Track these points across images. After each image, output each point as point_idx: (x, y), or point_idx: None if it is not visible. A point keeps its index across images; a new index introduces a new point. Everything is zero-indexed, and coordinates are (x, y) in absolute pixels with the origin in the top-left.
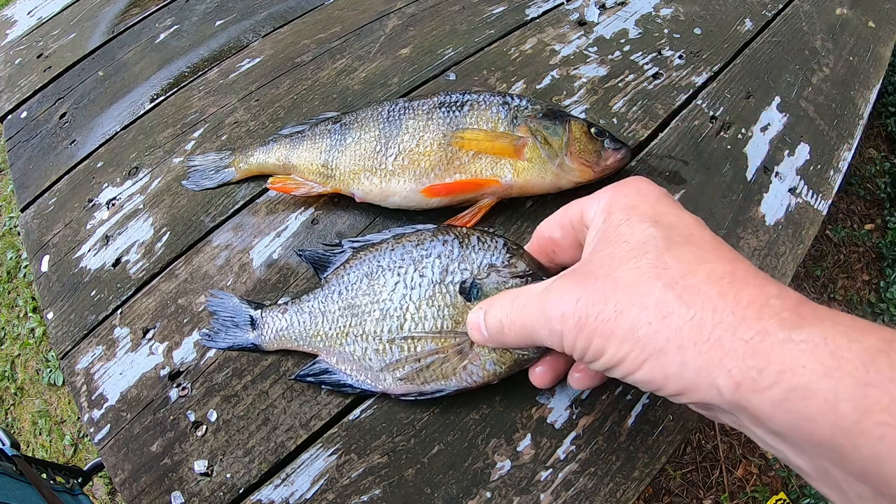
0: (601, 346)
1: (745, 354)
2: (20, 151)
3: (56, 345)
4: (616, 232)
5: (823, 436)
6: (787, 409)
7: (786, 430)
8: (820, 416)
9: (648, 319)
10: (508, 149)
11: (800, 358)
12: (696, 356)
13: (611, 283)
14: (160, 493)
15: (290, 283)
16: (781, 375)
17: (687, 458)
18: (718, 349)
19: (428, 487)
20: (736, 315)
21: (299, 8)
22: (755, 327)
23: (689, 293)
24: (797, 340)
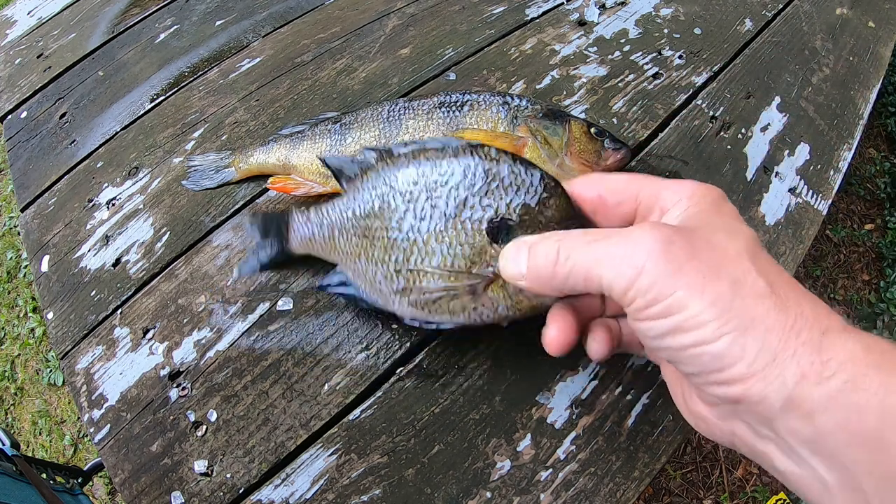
0: (683, 300)
1: (816, 347)
2: (20, 151)
3: (56, 345)
4: (707, 220)
5: (869, 429)
6: (840, 402)
7: (832, 428)
8: (869, 408)
9: (741, 293)
10: (508, 148)
11: (858, 351)
12: (776, 341)
13: (701, 253)
14: (160, 493)
15: (291, 282)
16: (842, 366)
17: (687, 458)
18: (795, 339)
19: (428, 487)
20: (812, 312)
21: (299, 8)
22: (825, 324)
23: (778, 285)
24: (855, 339)
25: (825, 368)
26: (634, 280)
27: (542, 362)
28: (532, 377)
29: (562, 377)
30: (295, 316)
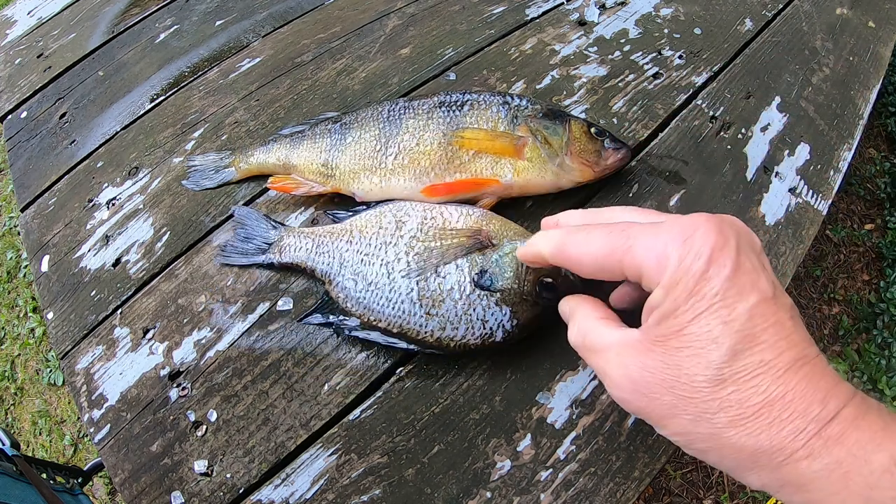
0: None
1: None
2: (20, 151)
3: (56, 345)
4: (677, 330)
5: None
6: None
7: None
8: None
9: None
10: (509, 148)
11: (816, 481)
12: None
13: (671, 378)
14: (160, 493)
15: (291, 282)
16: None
17: (687, 458)
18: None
19: (428, 487)
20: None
21: (299, 8)
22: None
23: (742, 418)
24: (818, 466)
25: (825, 468)
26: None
27: (542, 362)
28: (532, 377)
29: (562, 377)
30: (295, 316)
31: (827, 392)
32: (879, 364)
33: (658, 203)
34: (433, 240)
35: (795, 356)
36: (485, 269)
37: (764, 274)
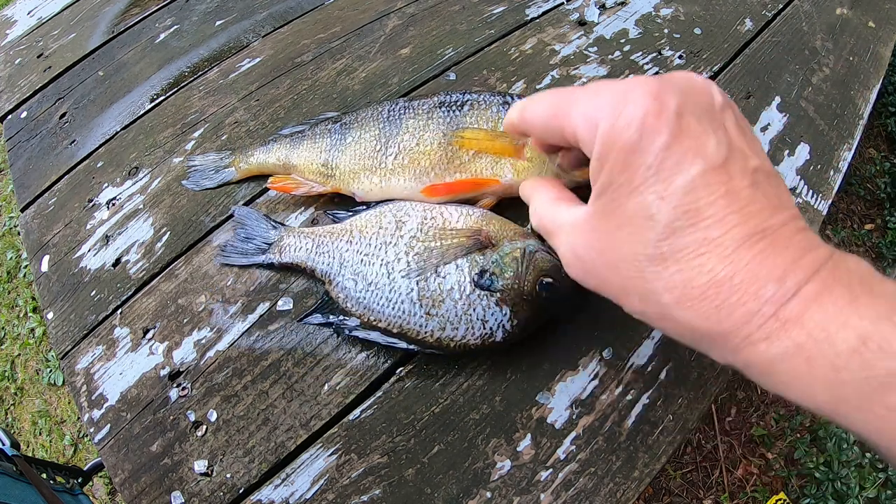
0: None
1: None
2: (20, 151)
3: (56, 345)
4: (612, 202)
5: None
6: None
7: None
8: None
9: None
10: (508, 148)
11: (778, 364)
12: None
13: (608, 250)
14: (160, 493)
15: (291, 282)
16: (767, 376)
17: (687, 458)
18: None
19: (428, 487)
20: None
21: (299, 8)
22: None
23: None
24: (778, 350)
25: (778, 348)
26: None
27: (542, 362)
28: (532, 377)
29: (562, 377)
30: (295, 316)
31: (786, 268)
32: None
33: None
34: (433, 240)
35: (750, 231)
36: (485, 269)
37: (715, 136)
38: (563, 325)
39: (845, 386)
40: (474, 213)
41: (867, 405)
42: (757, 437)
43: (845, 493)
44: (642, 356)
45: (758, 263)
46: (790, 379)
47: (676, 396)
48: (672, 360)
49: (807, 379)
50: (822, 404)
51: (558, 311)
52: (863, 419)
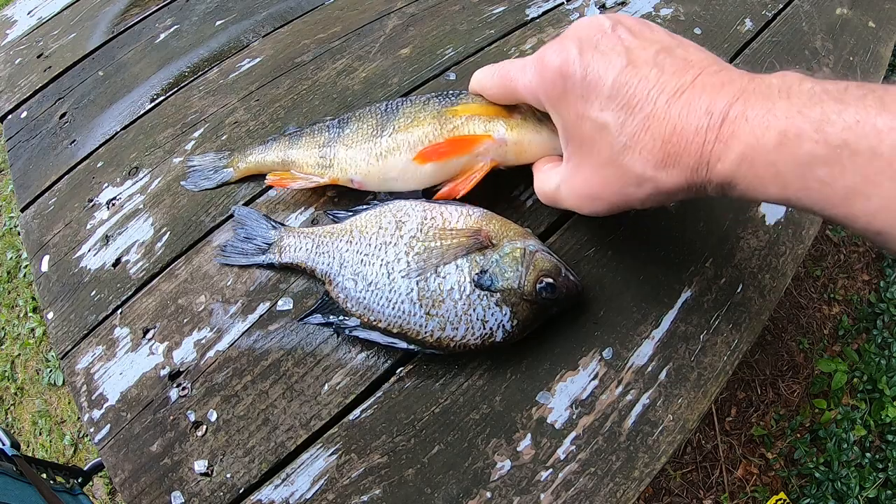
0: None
1: (723, 139)
2: (20, 151)
3: (56, 345)
4: (578, 136)
5: (772, 179)
6: (744, 173)
7: (747, 185)
8: (765, 172)
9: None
10: (502, 111)
11: (735, 176)
12: (689, 156)
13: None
14: (160, 493)
15: (291, 282)
16: (734, 189)
17: (687, 458)
18: (702, 139)
19: (428, 487)
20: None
21: (299, 8)
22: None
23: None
24: (730, 164)
25: (730, 150)
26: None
27: (542, 362)
28: (532, 377)
29: (562, 377)
30: (295, 316)
31: (710, 102)
32: (879, 364)
33: None
34: (433, 240)
35: (670, 93)
36: (485, 269)
37: (614, 52)
38: (562, 325)
39: (784, 175)
40: (474, 213)
41: (803, 184)
42: (757, 437)
43: (845, 493)
44: (642, 356)
45: (686, 112)
46: (748, 184)
47: (676, 396)
48: (672, 360)
49: (758, 179)
50: (777, 195)
51: (557, 312)
52: (806, 196)
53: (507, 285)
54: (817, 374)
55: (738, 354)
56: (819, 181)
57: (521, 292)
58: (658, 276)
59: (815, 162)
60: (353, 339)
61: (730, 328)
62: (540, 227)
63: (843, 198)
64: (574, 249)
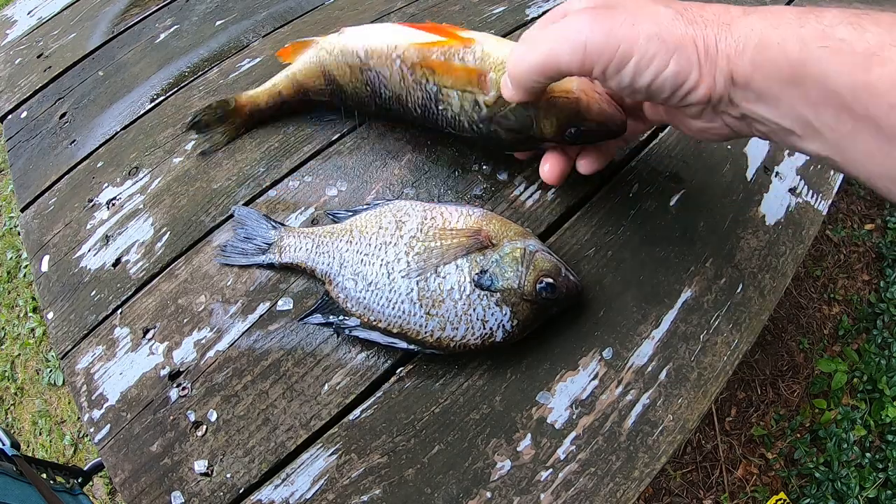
0: (627, 50)
1: (728, 36)
2: (20, 151)
3: (56, 345)
4: None
5: (783, 73)
6: (757, 63)
7: (766, 82)
8: (779, 58)
9: (663, 24)
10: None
11: (756, 22)
12: (703, 50)
13: (622, 11)
14: (160, 493)
15: (291, 282)
16: (749, 36)
17: (687, 458)
18: (713, 42)
19: (428, 487)
20: (714, 16)
21: (299, 8)
22: (727, 18)
23: (680, 7)
24: (753, 17)
25: (739, 44)
26: (583, 53)
27: (542, 362)
28: (532, 377)
29: (562, 377)
30: (295, 316)
31: (728, 8)
32: (879, 364)
33: (658, 203)
34: (433, 240)
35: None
36: (485, 269)
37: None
38: (562, 325)
39: (802, 39)
40: (474, 213)
41: (822, 48)
42: (757, 437)
43: (845, 493)
44: (642, 356)
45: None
46: (763, 81)
47: (676, 396)
48: (672, 360)
49: (771, 47)
50: (790, 72)
51: (557, 312)
52: (826, 61)
53: (507, 285)
54: (817, 374)
55: (738, 354)
56: (839, 40)
57: (521, 292)
58: (658, 276)
59: (835, 22)
60: (353, 339)
61: (730, 328)
62: (540, 227)
63: (864, 58)
64: (574, 249)
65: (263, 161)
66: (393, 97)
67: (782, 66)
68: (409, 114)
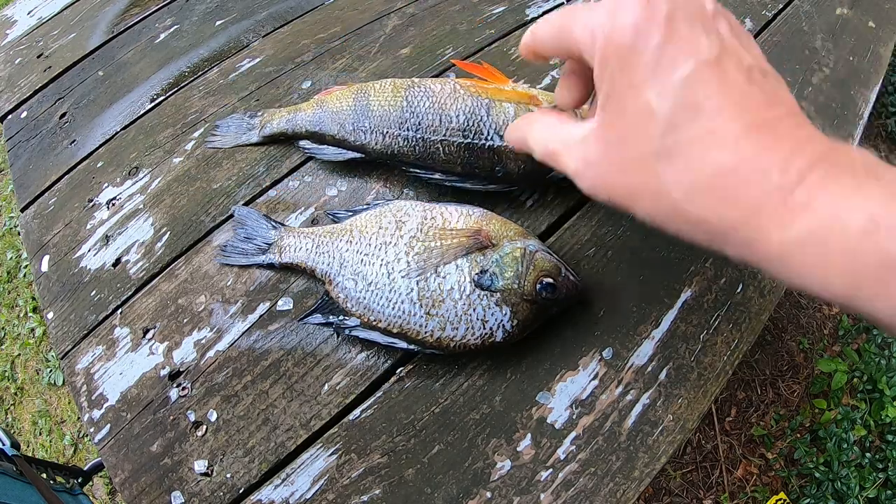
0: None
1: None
2: (20, 151)
3: (56, 345)
4: (617, 106)
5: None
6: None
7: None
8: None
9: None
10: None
11: (793, 253)
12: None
13: (618, 154)
14: (160, 493)
15: (291, 282)
16: (785, 267)
17: (687, 458)
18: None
19: (428, 487)
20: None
21: (299, 8)
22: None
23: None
24: (791, 237)
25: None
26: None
27: (542, 362)
28: (532, 377)
29: (562, 377)
30: (295, 316)
31: (788, 157)
32: (879, 364)
33: None
34: (433, 240)
35: (748, 123)
36: (485, 269)
37: (706, 37)
38: (562, 325)
39: (860, 271)
40: (474, 213)
41: (883, 289)
42: (757, 437)
43: (845, 493)
44: (642, 356)
45: (759, 153)
46: (806, 268)
47: (676, 396)
48: (672, 360)
49: (822, 266)
50: (839, 292)
51: (558, 312)
52: (881, 305)
53: (507, 285)
54: (817, 374)
55: (738, 354)
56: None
57: (521, 292)
58: (658, 276)
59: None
60: (353, 339)
61: (730, 328)
62: (540, 227)
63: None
64: (574, 249)
65: (263, 161)
66: (434, 105)
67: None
68: (447, 122)
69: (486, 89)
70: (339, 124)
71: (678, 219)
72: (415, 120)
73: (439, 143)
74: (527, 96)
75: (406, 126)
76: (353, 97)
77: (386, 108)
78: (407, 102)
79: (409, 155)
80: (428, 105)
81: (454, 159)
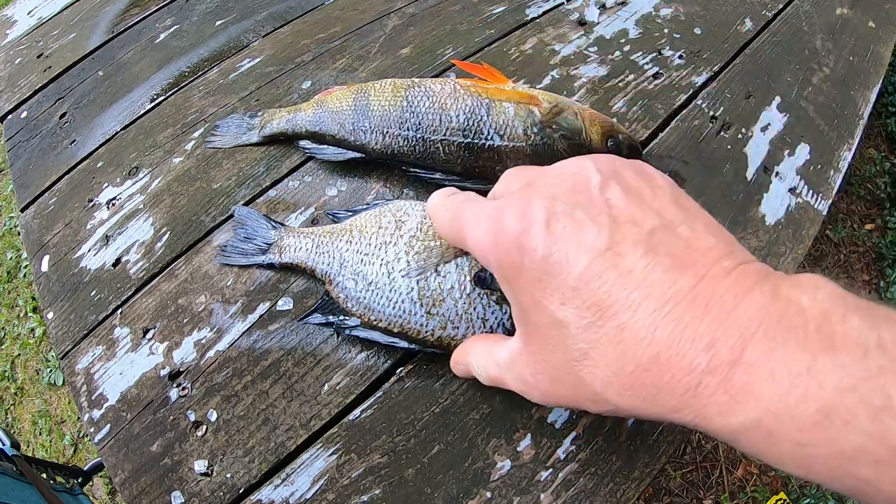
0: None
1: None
2: (20, 151)
3: (56, 345)
4: (532, 321)
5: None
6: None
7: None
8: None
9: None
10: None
11: (742, 437)
12: None
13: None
14: (160, 493)
15: (291, 282)
16: (738, 444)
17: (687, 458)
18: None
19: (428, 487)
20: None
21: (299, 8)
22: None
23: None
24: (736, 423)
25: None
26: None
27: None
28: None
29: None
30: (295, 316)
31: (717, 328)
32: None
33: None
34: (433, 239)
35: (658, 303)
36: (485, 267)
37: (593, 225)
38: None
39: (812, 459)
40: None
41: (838, 476)
42: None
43: None
44: None
45: (679, 336)
46: (757, 451)
47: None
48: None
49: (773, 452)
50: (794, 471)
51: None
52: (836, 487)
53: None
54: None
55: None
56: (862, 480)
57: None
58: None
59: (862, 459)
60: (354, 338)
61: None
62: None
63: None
64: None
65: (263, 161)
66: (434, 105)
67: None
68: (447, 122)
69: (486, 89)
70: (339, 124)
71: (623, 412)
72: (415, 120)
73: (439, 143)
74: (527, 96)
75: (406, 126)
76: (353, 97)
77: (386, 107)
78: (407, 102)
79: (409, 155)
80: (428, 105)
81: (454, 159)
